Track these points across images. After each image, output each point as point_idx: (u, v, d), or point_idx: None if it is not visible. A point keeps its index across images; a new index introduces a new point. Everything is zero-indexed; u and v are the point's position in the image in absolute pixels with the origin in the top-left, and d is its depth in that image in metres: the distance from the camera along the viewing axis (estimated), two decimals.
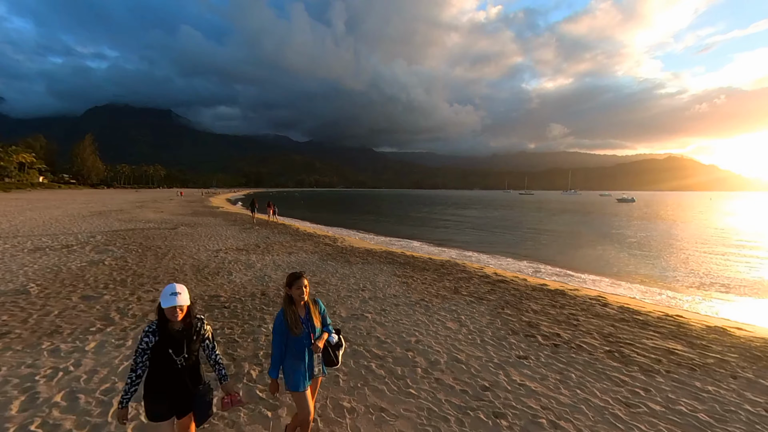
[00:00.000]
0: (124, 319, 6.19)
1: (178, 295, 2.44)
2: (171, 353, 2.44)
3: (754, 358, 5.17)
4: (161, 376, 2.47)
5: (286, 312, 2.89)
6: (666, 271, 13.02)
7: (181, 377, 2.50)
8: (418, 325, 6.16)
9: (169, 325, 2.45)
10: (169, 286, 2.52)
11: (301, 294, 2.84)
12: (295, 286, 2.87)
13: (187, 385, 2.53)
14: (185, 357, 2.50)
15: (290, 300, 2.92)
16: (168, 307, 2.38)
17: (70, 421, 3.54)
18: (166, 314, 2.42)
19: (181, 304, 2.42)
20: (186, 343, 2.52)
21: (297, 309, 2.92)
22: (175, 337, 2.47)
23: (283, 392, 3.50)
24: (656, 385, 4.37)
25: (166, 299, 2.43)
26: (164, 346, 2.44)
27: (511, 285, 9.07)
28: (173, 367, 2.47)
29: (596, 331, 6.08)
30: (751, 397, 4.13)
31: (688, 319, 6.94)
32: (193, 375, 2.57)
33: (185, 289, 2.51)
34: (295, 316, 2.88)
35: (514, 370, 4.67)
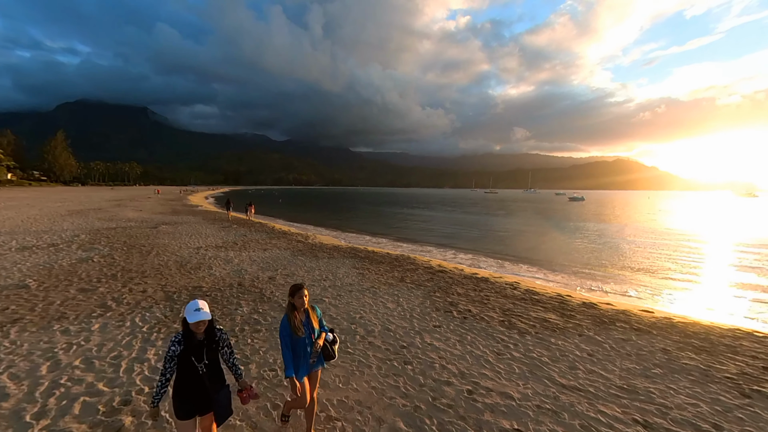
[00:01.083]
0: (120, 306, 7.07)
1: (201, 310, 2.64)
2: (193, 360, 2.63)
3: (601, 323, 6.82)
4: (185, 380, 2.66)
5: (289, 317, 3.16)
6: (581, 259, 14.99)
7: (202, 381, 2.66)
8: (364, 306, 7.44)
9: (192, 335, 2.64)
10: (192, 302, 2.72)
11: (302, 302, 3.15)
12: (297, 296, 3.17)
13: (208, 388, 2.68)
14: (206, 363, 2.68)
15: (293, 307, 3.21)
16: (193, 322, 2.57)
17: (91, 376, 4.55)
18: (191, 327, 2.61)
19: (204, 318, 2.62)
20: (206, 351, 2.70)
21: (299, 314, 3.21)
22: (197, 346, 2.66)
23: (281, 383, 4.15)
24: (524, 342, 5.86)
25: (191, 315, 2.62)
26: (188, 354, 2.63)
27: (448, 275, 10.53)
28: (195, 372, 2.65)
29: (499, 307, 7.59)
30: (583, 347, 5.69)
31: (573, 298, 8.62)
32: (213, 379, 2.74)
33: (206, 304, 2.70)
34: (298, 320, 3.16)
35: (427, 335, 6.04)
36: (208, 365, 2.69)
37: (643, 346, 5.80)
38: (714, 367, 5.09)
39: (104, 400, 4.06)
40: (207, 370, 2.68)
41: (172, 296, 7.76)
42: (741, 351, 5.70)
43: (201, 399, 2.68)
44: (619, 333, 6.33)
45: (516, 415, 3.94)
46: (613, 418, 3.91)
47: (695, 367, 5.09)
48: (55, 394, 4.12)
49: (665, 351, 5.60)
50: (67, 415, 3.78)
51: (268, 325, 6.32)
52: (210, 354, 2.71)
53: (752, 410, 4.11)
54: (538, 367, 5.01)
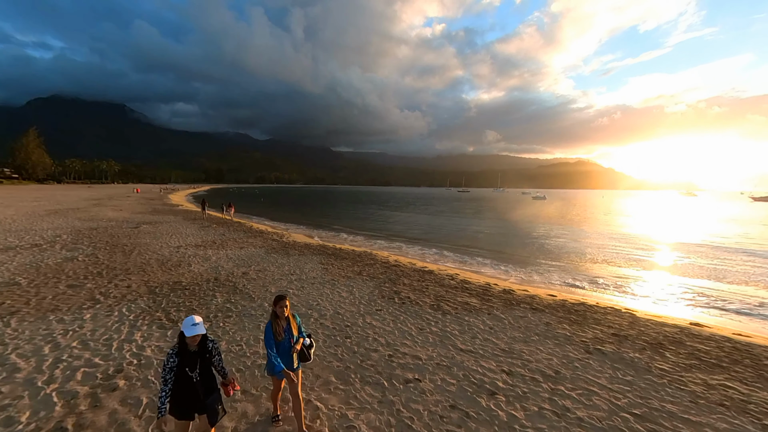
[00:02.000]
0: (108, 299, 7.80)
1: (197, 325, 2.84)
2: (187, 370, 2.83)
3: (510, 305, 8.21)
4: (181, 388, 2.85)
5: (272, 324, 3.48)
6: (522, 251, 16.65)
7: (195, 388, 2.86)
8: (322, 296, 8.51)
9: (187, 347, 2.85)
10: (188, 318, 2.90)
11: (283, 311, 3.49)
12: (278, 306, 3.49)
13: (199, 395, 2.88)
14: (198, 372, 2.88)
15: (275, 315, 3.51)
16: (190, 336, 2.80)
17: (87, 353, 5.39)
18: (186, 340, 2.82)
19: (200, 333, 2.84)
20: (199, 361, 2.91)
21: (281, 321, 3.51)
22: (191, 357, 2.86)
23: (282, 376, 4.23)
24: (443, 320, 7.13)
25: (188, 329, 2.81)
26: (183, 365, 2.83)
27: (400, 268, 11.76)
28: (189, 380, 2.84)
29: (434, 294, 8.87)
30: (488, 322, 7.03)
31: (498, 286, 10.04)
32: (205, 386, 2.92)
33: (201, 319, 2.92)
34: (279, 327, 3.48)
35: (369, 317, 7.20)
36: (201, 374, 2.88)
37: (533, 320, 7.21)
38: (576, 334, 6.53)
39: (101, 369, 4.95)
40: (200, 378, 2.87)
41: (155, 290, 8.54)
42: (603, 322, 7.21)
43: (194, 403, 2.88)
44: (519, 312, 7.73)
45: (419, 370, 5.15)
46: (488, 369, 5.20)
47: (563, 335, 6.51)
48: (59, 367, 4.97)
49: (547, 324, 7.02)
50: (71, 380, 4.66)
51: (238, 312, 7.28)
52: (202, 363, 2.91)
53: (587, 362, 5.52)
54: (448, 338, 6.27)
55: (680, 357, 5.76)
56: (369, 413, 4.16)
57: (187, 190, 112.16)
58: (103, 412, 4.05)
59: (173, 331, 6.22)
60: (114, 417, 3.98)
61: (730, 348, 6.18)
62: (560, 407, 4.34)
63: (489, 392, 4.63)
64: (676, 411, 4.32)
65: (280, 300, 3.53)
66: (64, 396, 4.33)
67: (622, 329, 6.88)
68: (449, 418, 4.12)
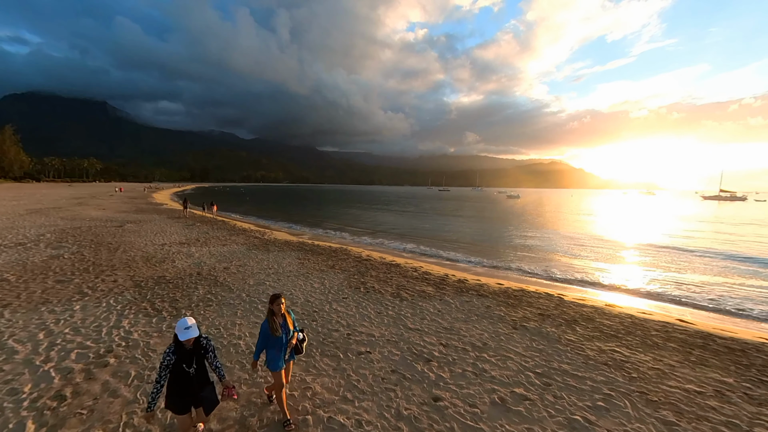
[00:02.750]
0: (96, 293, 8.21)
1: (190, 329, 2.92)
2: (184, 366, 2.94)
3: (460, 292, 9.13)
4: (178, 382, 2.97)
5: (269, 320, 3.62)
6: (485, 244, 17.76)
7: (192, 382, 2.99)
8: (296, 286, 9.18)
9: (182, 345, 2.96)
10: (182, 321, 2.95)
11: (279, 309, 3.62)
12: (275, 304, 3.61)
13: (197, 387, 3.02)
14: (195, 368, 3.00)
15: (272, 312, 3.63)
16: (184, 339, 2.88)
17: (79, 338, 5.90)
18: (181, 341, 2.91)
19: (194, 336, 2.93)
20: (195, 358, 3.02)
21: (277, 319, 3.64)
22: (187, 354, 2.97)
23: (263, 369, 4.92)
24: (400, 305, 7.95)
25: (182, 333, 2.88)
26: (180, 362, 2.94)
27: (370, 262, 12.54)
28: (186, 375, 2.96)
29: (396, 284, 9.70)
30: (438, 307, 7.90)
31: (454, 276, 10.98)
32: (200, 380, 3.06)
33: (194, 321, 3.01)
34: (276, 323, 3.61)
35: (335, 304, 7.94)
36: (197, 369, 3.01)
37: (476, 304, 8.14)
38: (509, 315, 7.50)
39: (93, 350, 5.49)
40: (196, 373, 3.00)
41: (140, 284, 8.98)
42: (534, 305, 8.22)
43: (192, 396, 3.02)
44: (467, 297, 8.65)
45: (371, 345, 5.94)
46: (429, 343, 6.05)
47: (498, 315, 7.46)
48: (54, 349, 5.47)
49: (488, 307, 7.97)
50: (66, 360, 5.19)
51: (218, 301, 7.86)
52: (198, 360, 3.04)
53: (511, 336, 6.46)
54: (400, 319, 7.09)
55: (587, 330, 6.79)
56: (324, 378, 4.91)
57: (171, 188, 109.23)
58: (96, 383, 4.63)
59: (158, 319, 6.77)
60: (106, 386, 4.57)
61: (630, 323, 7.28)
62: (479, 369, 5.22)
63: (425, 360, 5.47)
64: (568, 369, 5.28)
65: (277, 298, 3.63)
66: (60, 372, 4.87)
67: (548, 310, 7.90)
68: (389, 379, 4.92)
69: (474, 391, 4.69)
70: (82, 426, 3.84)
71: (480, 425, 4.03)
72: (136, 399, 4.32)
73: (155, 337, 5.98)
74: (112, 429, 3.81)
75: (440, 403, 4.41)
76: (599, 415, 4.23)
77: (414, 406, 4.34)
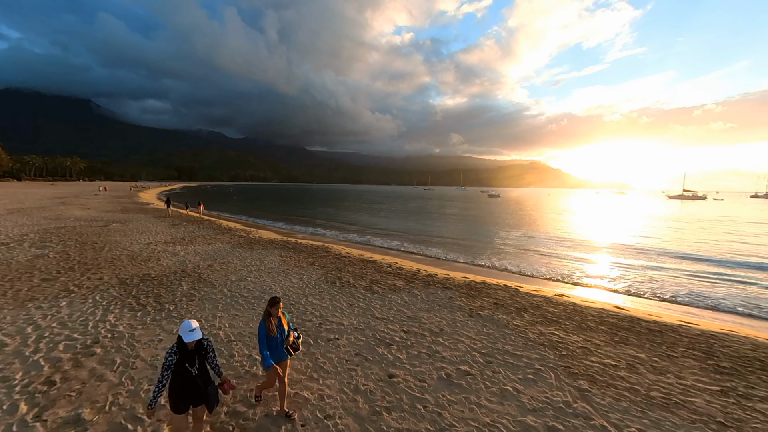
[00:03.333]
0: (82, 290, 8.39)
1: (194, 331, 2.97)
2: (187, 366, 2.99)
3: (427, 285, 9.73)
4: (182, 382, 2.99)
5: (266, 322, 3.75)
6: (463, 242, 18.50)
7: (195, 381, 3.03)
8: (276, 282, 9.58)
9: (185, 346, 3.00)
10: (185, 323, 2.99)
11: (276, 312, 3.80)
12: (274, 308, 3.78)
13: (200, 386, 3.06)
14: (197, 367, 3.05)
15: (269, 314, 3.78)
16: (189, 341, 2.94)
17: (67, 331, 6.16)
18: (185, 342, 2.96)
19: (198, 338, 2.99)
20: (197, 358, 3.07)
21: (273, 320, 3.81)
22: (190, 354, 3.01)
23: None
24: (371, 297, 8.47)
25: (186, 335, 2.93)
26: (182, 361, 2.98)
27: (348, 259, 13.01)
28: (190, 375, 2.99)
29: (370, 278, 10.22)
30: (405, 298, 8.46)
31: (425, 270, 11.58)
32: (203, 379, 3.11)
33: (197, 324, 3.07)
34: (272, 324, 3.77)
35: (311, 297, 8.39)
36: (199, 368, 3.07)
37: (440, 296, 8.75)
38: (468, 304, 8.13)
39: (80, 342, 5.78)
40: (198, 372, 3.06)
41: (125, 281, 9.19)
42: (492, 296, 8.90)
43: (195, 395, 3.06)
44: (433, 290, 9.26)
45: (340, 332, 6.44)
46: (392, 330, 6.60)
47: (458, 305, 8.09)
48: (43, 341, 5.74)
49: (450, 298, 8.59)
50: (54, 350, 5.48)
51: (200, 296, 8.18)
52: (200, 360, 3.10)
53: (466, 322, 7.08)
54: (369, 310, 7.62)
55: (533, 317, 7.49)
56: (293, 361, 5.38)
57: (158, 188, 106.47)
58: (84, 370, 4.97)
59: (142, 313, 7.07)
60: (93, 372, 4.91)
61: (572, 310, 8.04)
62: (433, 351, 5.80)
63: (387, 344, 6.02)
64: (510, 349, 5.93)
65: (276, 303, 3.80)
66: (49, 361, 5.17)
67: (503, 300, 8.59)
68: (352, 360, 5.44)
69: (425, 369, 5.26)
70: (71, 406, 4.20)
71: (425, 396, 4.59)
72: (121, 382, 4.69)
73: (140, 329, 6.30)
74: (99, 407, 4.18)
75: (394, 379, 4.96)
76: (527, 385, 4.87)
77: (371, 382, 4.87)
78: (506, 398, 4.58)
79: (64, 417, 4.00)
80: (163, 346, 5.69)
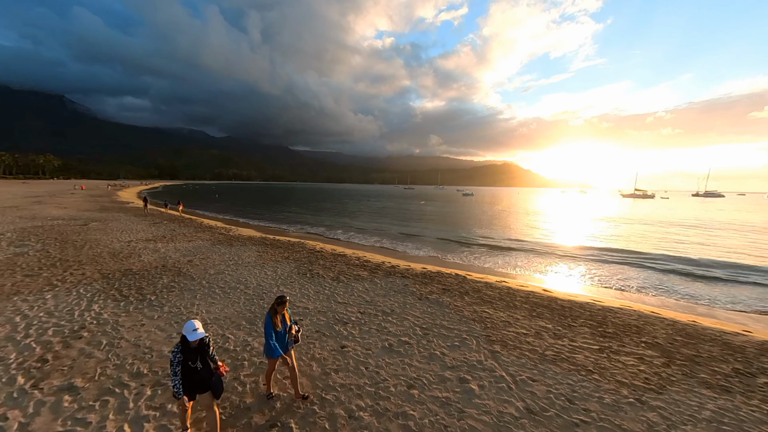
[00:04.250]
0: (66, 284, 8.67)
1: (197, 330, 3.19)
2: (190, 364, 3.26)
3: (389, 275, 10.62)
4: (185, 377, 3.29)
5: (272, 316, 4.03)
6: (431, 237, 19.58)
7: (199, 375, 3.32)
8: (252, 274, 10.17)
9: (188, 344, 3.24)
10: (189, 323, 3.21)
11: (282, 309, 4.07)
12: (280, 306, 4.04)
13: (204, 378, 3.35)
14: (199, 363, 3.30)
15: (275, 311, 4.05)
16: (193, 340, 3.20)
17: (54, 319, 6.57)
18: (188, 340, 3.21)
19: (201, 337, 3.23)
20: (199, 354, 3.32)
21: (279, 315, 4.09)
22: (193, 352, 3.28)
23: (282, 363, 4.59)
24: (336, 286, 9.26)
25: (190, 335, 3.17)
26: (186, 359, 3.24)
27: (321, 254, 13.72)
28: (194, 370, 3.26)
29: (339, 270, 11.00)
30: (366, 286, 9.30)
31: (390, 263, 12.48)
32: (206, 372, 3.37)
33: (200, 323, 3.30)
34: (278, 319, 4.06)
35: (283, 286, 9.07)
36: (203, 364, 3.31)
37: (398, 283, 9.67)
38: (419, 290, 9.08)
39: (67, 327, 6.24)
40: (201, 367, 3.30)
41: (108, 276, 9.50)
42: (442, 282, 9.92)
43: (199, 385, 3.36)
44: (392, 279, 10.17)
45: (304, 314, 7.20)
46: (350, 312, 7.42)
47: (411, 291, 9.02)
48: (32, 328, 6.15)
49: (405, 285, 9.52)
50: (44, 335, 5.92)
51: (180, 288, 8.67)
52: (202, 356, 3.35)
53: (415, 304, 8.01)
54: (332, 297, 8.41)
55: (472, 299, 8.54)
56: (261, 338, 6.10)
57: (138, 186, 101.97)
58: (73, 350, 5.48)
59: (125, 303, 7.53)
60: (82, 351, 5.44)
61: (505, 293, 9.17)
62: (382, 327, 6.68)
63: (343, 323, 6.84)
64: (446, 324, 6.90)
65: (283, 303, 4.05)
66: (40, 344, 5.63)
67: (450, 286, 9.62)
68: (312, 336, 6.22)
69: (372, 341, 6.12)
70: (64, 377, 4.75)
71: (369, 360, 5.46)
72: (108, 359, 5.25)
73: (123, 317, 6.80)
74: (90, 377, 4.76)
75: (345, 349, 5.79)
76: (452, 350, 5.84)
77: (325, 352, 5.67)
78: (433, 360, 5.52)
79: (59, 385, 4.56)
80: (146, 330, 6.25)
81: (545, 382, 4.95)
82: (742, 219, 39.38)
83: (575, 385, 4.90)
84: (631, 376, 5.21)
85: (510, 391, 4.73)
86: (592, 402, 4.54)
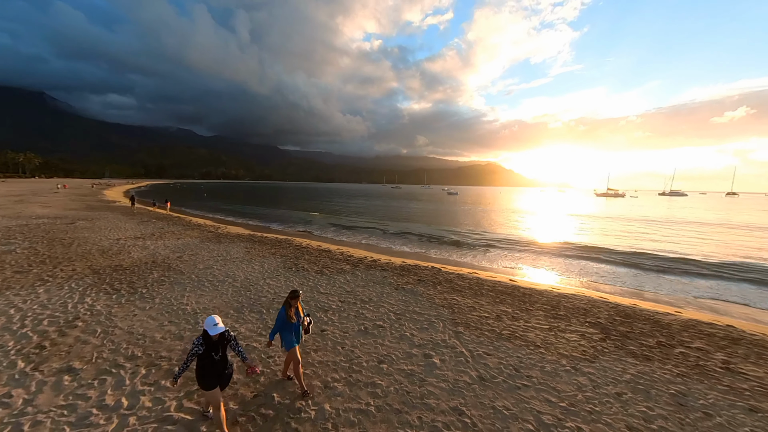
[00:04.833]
0: (57, 279, 8.77)
1: (218, 325, 3.32)
2: (212, 354, 3.41)
3: (370, 268, 11.14)
4: (207, 367, 3.43)
5: (286, 309, 4.16)
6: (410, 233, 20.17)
7: (217, 366, 3.47)
8: (240, 269, 10.47)
9: (210, 338, 3.38)
10: (210, 318, 3.36)
11: (296, 302, 4.21)
12: (294, 299, 4.16)
13: (221, 369, 3.51)
14: (220, 355, 3.46)
15: (289, 304, 4.17)
16: (214, 334, 3.32)
17: (48, 311, 6.76)
18: (210, 335, 3.34)
19: (221, 331, 3.37)
20: (220, 347, 3.47)
21: (293, 308, 4.21)
22: (214, 345, 3.42)
23: (276, 348, 5.48)
24: (320, 279, 9.70)
25: (211, 329, 3.30)
26: (209, 351, 3.39)
27: (307, 250, 14.09)
28: (214, 361, 3.42)
29: (323, 264, 11.43)
30: (348, 278, 9.78)
31: (372, 258, 12.99)
32: (223, 365, 3.54)
33: (220, 318, 3.44)
34: (292, 312, 4.18)
35: (269, 279, 9.45)
36: (221, 356, 3.50)
37: (377, 276, 10.19)
38: (396, 281, 9.64)
39: (62, 318, 6.46)
40: (220, 360, 3.49)
41: (98, 271, 9.62)
42: (419, 275, 10.50)
43: (218, 376, 3.51)
44: (373, 272, 10.69)
45: None
46: (331, 300, 7.89)
47: (389, 282, 9.56)
48: (28, 319, 6.34)
49: (384, 277, 10.05)
50: (40, 325, 6.14)
51: (170, 282, 8.91)
52: (222, 348, 3.51)
53: (391, 294, 8.55)
54: (316, 287, 8.85)
55: (444, 288, 9.16)
56: (248, 324, 6.51)
57: (124, 185, 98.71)
58: (69, 337, 5.75)
59: (117, 295, 7.75)
60: (78, 338, 5.71)
61: (474, 282, 9.84)
62: (360, 314, 7.18)
63: (324, 310, 7.31)
64: (417, 310, 7.47)
65: (296, 297, 4.18)
66: (37, 332, 5.86)
67: (426, 277, 10.21)
68: None
69: (350, 325, 6.62)
70: (62, 361, 5.04)
71: (345, 341, 5.95)
72: (103, 344, 5.55)
73: (116, 308, 7.05)
74: (87, 360, 5.07)
75: (325, 333, 6.27)
76: (420, 331, 6.40)
77: (307, 335, 6.12)
78: (402, 340, 6.07)
79: (58, 368, 4.86)
80: (138, 319, 6.54)
81: (498, 356, 5.57)
82: (699, 216, 41.88)
83: (523, 358, 5.55)
84: (571, 349, 5.90)
85: (467, 363, 5.33)
86: (534, 370, 5.19)
